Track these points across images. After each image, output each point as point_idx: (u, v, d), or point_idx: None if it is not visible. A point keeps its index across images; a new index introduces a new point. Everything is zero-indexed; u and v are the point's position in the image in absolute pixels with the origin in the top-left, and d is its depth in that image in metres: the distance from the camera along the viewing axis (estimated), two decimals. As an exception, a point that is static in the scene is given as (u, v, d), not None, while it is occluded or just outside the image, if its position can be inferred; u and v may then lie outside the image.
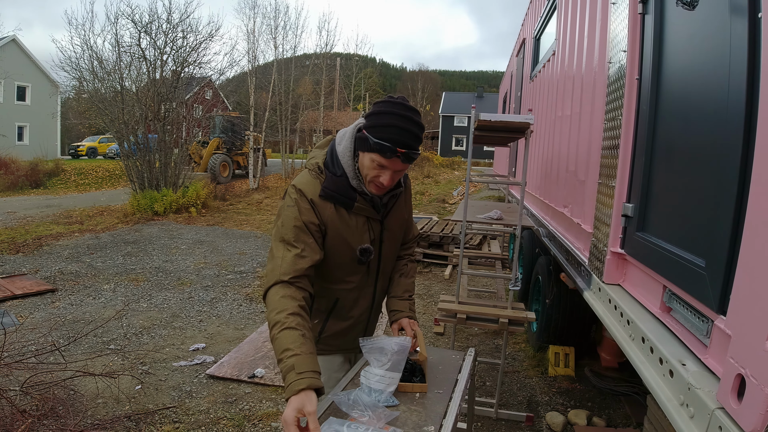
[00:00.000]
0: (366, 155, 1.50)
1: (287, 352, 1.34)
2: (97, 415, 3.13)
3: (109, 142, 24.90)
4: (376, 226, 1.67)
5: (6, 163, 18.45)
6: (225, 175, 18.19)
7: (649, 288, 1.86)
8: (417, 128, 1.50)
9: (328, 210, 1.56)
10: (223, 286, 6.15)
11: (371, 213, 1.63)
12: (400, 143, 1.45)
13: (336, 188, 1.56)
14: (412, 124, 1.48)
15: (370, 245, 1.64)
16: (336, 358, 1.85)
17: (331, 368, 1.82)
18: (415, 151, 1.49)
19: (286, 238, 1.53)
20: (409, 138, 1.47)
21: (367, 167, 1.51)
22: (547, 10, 4.99)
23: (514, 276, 3.20)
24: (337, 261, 1.64)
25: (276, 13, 27.18)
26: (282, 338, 1.37)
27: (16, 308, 5.07)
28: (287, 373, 1.31)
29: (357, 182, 1.57)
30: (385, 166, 1.49)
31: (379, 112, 1.49)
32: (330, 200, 1.56)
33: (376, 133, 1.45)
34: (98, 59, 12.19)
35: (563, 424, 3.20)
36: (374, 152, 1.46)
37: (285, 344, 1.36)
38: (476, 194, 16.13)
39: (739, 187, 1.25)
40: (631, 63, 2.08)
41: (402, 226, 1.81)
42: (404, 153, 1.46)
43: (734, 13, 1.32)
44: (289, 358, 1.33)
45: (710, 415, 1.16)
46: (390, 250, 1.78)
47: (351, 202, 1.57)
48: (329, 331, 1.78)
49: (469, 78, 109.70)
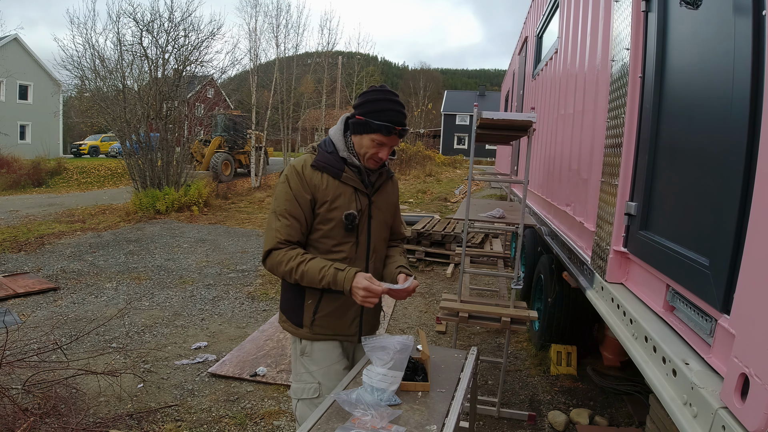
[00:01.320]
0: (366, 137, 1.77)
1: (324, 268, 1.70)
2: (99, 413, 3.13)
3: (111, 140, 24.94)
4: (364, 199, 1.85)
5: (8, 162, 18.48)
6: (227, 173, 18.20)
7: (652, 287, 1.86)
8: (404, 109, 1.81)
9: (317, 178, 1.79)
10: (225, 285, 6.15)
11: (358, 185, 1.84)
12: (397, 123, 1.75)
13: (326, 160, 1.81)
14: (401, 106, 1.79)
15: (355, 212, 1.81)
16: (333, 346, 1.90)
17: (331, 358, 1.88)
18: (406, 128, 1.80)
19: (279, 210, 1.78)
20: (402, 117, 1.78)
21: (367, 146, 1.78)
22: (549, 8, 4.97)
23: (516, 275, 3.19)
24: (326, 229, 1.81)
25: (278, 12, 27.22)
26: (312, 266, 1.71)
27: (18, 307, 5.09)
28: (335, 277, 1.68)
29: (347, 154, 1.82)
30: (385, 143, 1.77)
31: (375, 99, 1.76)
32: (320, 170, 1.80)
33: (378, 117, 1.73)
34: (100, 58, 12.23)
35: (565, 423, 3.20)
36: (376, 133, 1.74)
37: (317, 266, 1.71)
38: (478, 193, 16.11)
39: (743, 186, 1.24)
40: (634, 61, 2.07)
41: (390, 209, 2.00)
42: (401, 130, 1.77)
43: (738, 10, 1.31)
44: (328, 269, 1.70)
45: (713, 414, 1.16)
46: (379, 228, 1.93)
47: (339, 171, 1.80)
48: (323, 310, 1.85)
49: (471, 76, 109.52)
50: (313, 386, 1.83)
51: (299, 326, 1.87)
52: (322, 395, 1.79)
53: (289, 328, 1.91)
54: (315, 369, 1.85)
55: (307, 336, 1.86)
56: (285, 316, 1.94)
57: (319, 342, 1.87)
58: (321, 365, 1.85)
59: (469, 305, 3.23)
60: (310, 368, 1.86)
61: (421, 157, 24.80)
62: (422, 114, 43.58)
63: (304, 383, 1.85)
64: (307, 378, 1.85)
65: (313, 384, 1.83)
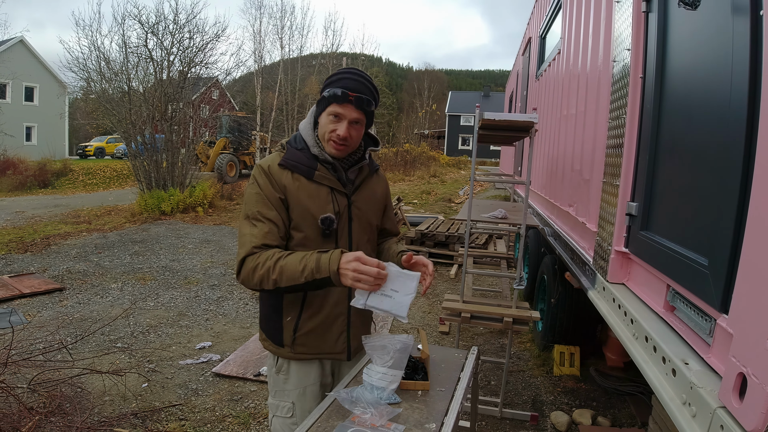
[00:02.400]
0: (323, 115, 1.58)
1: (303, 259, 1.46)
2: (103, 412, 3.15)
3: (117, 142, 25.06)
4: (342, 199, 1.65)
5: (14, 164, 18.62)
6: (232, 174, 18.25)
7: (653, 287, 1.86)
8: (366, 81, 1.57)
9: (286, 178, 1.59)
10: (230, 285, 6.18)
11: (335, 184, 1.63)
12: (350, 88, 1.52)
13: (295, 158, 1.61)
14: (360, 76, 1.57)
15: (332, 215, 1.61)
16: (312, 367, 1.74)
17: (307, 380, 1.73)
18: (365, 96, 1.55)
19: (251, 214, 1.57)
20: (359, 85, 1.54)
21: (324, 124, 1.58)
22: (552, 9, 4.97)
23: (519, 275, 3.20)
24: (300, 235, 1.62)
25: (282, 14, 27.49)
26: (291, 258, 1.48)
27: (24, 307, 5.13)
28: (317, 262, 1.43)
29: (318, 150, 1.61)
30: (340, 115, 1.54)
31: (333, 74, 1.59)
32: (290, 169, 1.60)
33: (329, 87, 1.55)
34: (105, 60, 12.28)
35: (568, 423, 3.19)
36: (329, 104, 1.54)
37: (298, 256, 1.48)
38: (482, 193, 16.09)
39: (741, 186, 1.24)
40: (635, 61, 2.07)
41: (376, 208, 1.79)
42: (356, 97, 1.52)
43: (736, 10, 1.31)
44: (309, 257, 1.45)
45: (712, 414, 1.16)
46: (362, 231, 1.72)
47: (311, 170, 1.60)
48: (304, 328, 1.66)
49: (476, 77, 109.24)
50: (287, 405, 1.72)
51: (280, 345, 1.69)
52: (295, 416, 1.71)
53: (269, 347, 1.73)
54: (290, 389, 1.72)
55: (287, 356, 1.70)
56: (265, 335, 1.76)
57: (296, 362, 1.71)
58: (296, 386, 1.72)
59: (471, 305, 3.23)
60: (286, 387, 1.73)
61: (425, 158, 24.83)
62: (427, 115, 43.60)
63: (278, 400, 1.75)
64: (282, 396, 1.74)
65: (287, 404, 1.72)
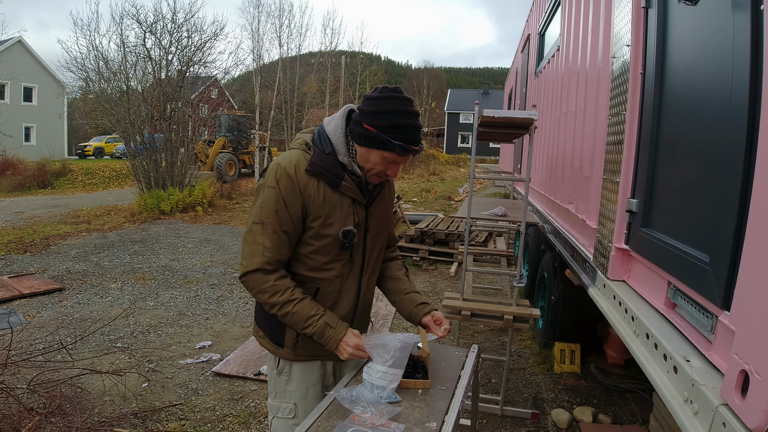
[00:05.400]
0: (376, 152, 1.49)
1: (313, 317, 1.52)
2: (104, 412, 3.15)
3: (116, 141, 25.05)
4: (361, 211, 1.61)
5: (13, 164, 18.60)
6: (231, 173, 18.24)
7: (653, 284, 1.85)
8: (419, 122, 1.53)
9: (312, 187, 1.51)
10: (230, 285, 6.18)
11: (357, 195, 1.58)
12: (414, 142, 1.49)
13: (324, 164, 1.52)
14: (417, 118, 1.51)
15: (354, 229, 1.57)
16: (313, 367, 1.73)
17: (309, 380, 1.73)
18: (422, 145, 1.56)
19: (268, 221, 1.50)
20: (419, 134, 1.52)
21: (375, 162, 1.51)
22: (551, 5, 4.96)
23: (519, 273, 3.19)
24: (318, 245, 1.57)
25: (280, 12, 27.40)
26: (300, 309, 1.52)
27: (23, 307, 5.12)
28: (324, 331, 1.52)
29: (348, 159, 1.54)
30: (397, 162, 1.53)
31: (391, 111, 1.47)
32: (316, 176, 1.52)
33: (394, 134, 1.45)
34: (104, 59, 12.27)
35: (569, 421, 3.19)
36: (390, 151, 1.47)
37: (307, 312, 1.52)
38: (482, 191, 16.09)
39: (742, 182, 1.24)
40: (634, 58, 2.06)
41: (386, 219, 1.77)
42: (416, 150, 1.51)
43: (736, 5, 1.30)
44: (318, 320, 1.52)
45: (714, 411, 1.15)
46: (376, 242, 1.70)
47: (338, 180, 1.53)
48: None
49: (475, 75, 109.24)
50: (288, 407, 1.72)
51: (280, 346, 1.68)
52: (297, 417, 1.70)
53: (267, 346, 1.72)
54: (292, 390, 1.71)
55: (287, 357, 1.69)
56: (262, 332, 1.73)
57: (298, 363, 1.70)
58: (298, 387, 1.71)
59: (471, 303, 3.23)
60: (287, 388, 1.72)
61: (424, 156, 24.79)
62: (426, 113, 43.52)
63: (279, 401, 1.74)
64: (283, 397, 1.73)
65: (288, 405, 1.72)
